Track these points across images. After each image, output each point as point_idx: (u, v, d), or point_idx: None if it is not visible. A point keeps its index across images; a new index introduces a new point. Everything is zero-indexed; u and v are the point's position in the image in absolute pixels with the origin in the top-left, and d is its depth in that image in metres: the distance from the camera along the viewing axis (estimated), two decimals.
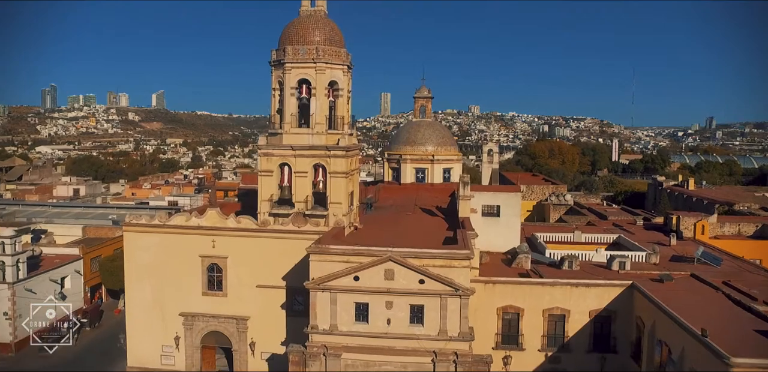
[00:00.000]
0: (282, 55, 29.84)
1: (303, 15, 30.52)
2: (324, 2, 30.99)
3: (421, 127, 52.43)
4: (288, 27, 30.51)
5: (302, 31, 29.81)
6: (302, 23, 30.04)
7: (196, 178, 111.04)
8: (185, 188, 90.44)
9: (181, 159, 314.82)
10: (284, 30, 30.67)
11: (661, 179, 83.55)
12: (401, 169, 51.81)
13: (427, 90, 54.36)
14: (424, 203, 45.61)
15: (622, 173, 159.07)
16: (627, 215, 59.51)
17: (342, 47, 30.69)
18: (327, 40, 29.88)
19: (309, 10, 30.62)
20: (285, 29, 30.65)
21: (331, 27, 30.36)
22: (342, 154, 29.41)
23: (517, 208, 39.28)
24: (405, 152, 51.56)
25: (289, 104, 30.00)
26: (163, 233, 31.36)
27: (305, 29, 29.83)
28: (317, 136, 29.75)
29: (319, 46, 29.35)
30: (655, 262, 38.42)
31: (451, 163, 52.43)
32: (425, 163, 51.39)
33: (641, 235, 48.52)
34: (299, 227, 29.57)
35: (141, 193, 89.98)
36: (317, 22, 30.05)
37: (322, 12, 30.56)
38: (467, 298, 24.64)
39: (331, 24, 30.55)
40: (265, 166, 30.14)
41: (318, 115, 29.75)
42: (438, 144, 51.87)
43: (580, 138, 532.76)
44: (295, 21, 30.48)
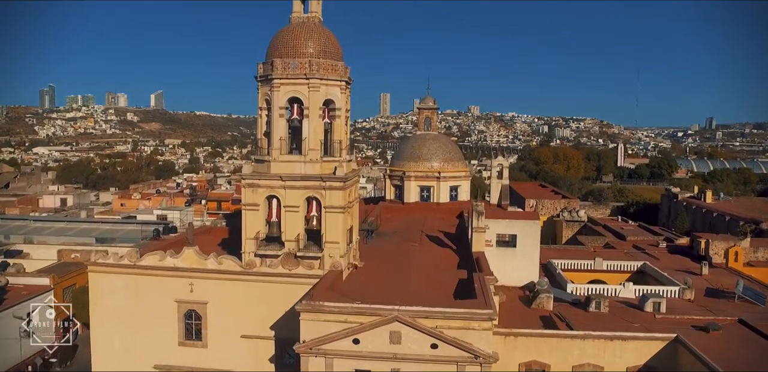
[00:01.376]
0: (269, 70, 25.70)
1: (294, 23, 26.36)
2: (319, 7, 26.84)
3: (426, 141, 48.29)
4: (276, 37, 26.35)
5: (293, 42, 25.65)
6: (293, 32, 25.88)
7: (189, 187, 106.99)
8: (176, 199, 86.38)
9: (178, 160, 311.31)
10: (272, 40, 26.52)
11: (675, 191, 79.59)
12: (405, 187, 47.69)
13: (432, 100, 50.23)
14: (431, 227, 41.49)
15: (628, 179, 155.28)
16: (646, 234, 55.48)
17: (339, 60, 26.55)
18: (322, 52, 25.73)
19: (301, 16, 26.46)
20: (273, 39, 26.50)
21: (326, 37, 26.20)
22: (339, 186, 25.25)
23: (536, 238, 35.20)
24: (409, 169, 47.44)
25: (277, 127, 25.84)
26: (133, 274, 27.24)
27: (296, 39, 25.67)
28: (310, 165, 25.58)
29: (313, 60, 25.21)
30: (690, 298, 34.37)
31: (458, 181, 48.32)
32: (431, 181, 47.27)
33: (666, 260, 44.49)
34: (290, 270, 25.44)
35: (130, 204, 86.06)
36: (311, 31, 25.88)
37: (316, 19, 26.40)
38: (489, 365, 20.54)
39: (327, 33, 26.40)
40: (250, 198, 25.98)
41: (311, 139, 25.58)
42: (444, 160, 47.73)
43: (580, 138, 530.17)
44: (285, 30, 26.31)
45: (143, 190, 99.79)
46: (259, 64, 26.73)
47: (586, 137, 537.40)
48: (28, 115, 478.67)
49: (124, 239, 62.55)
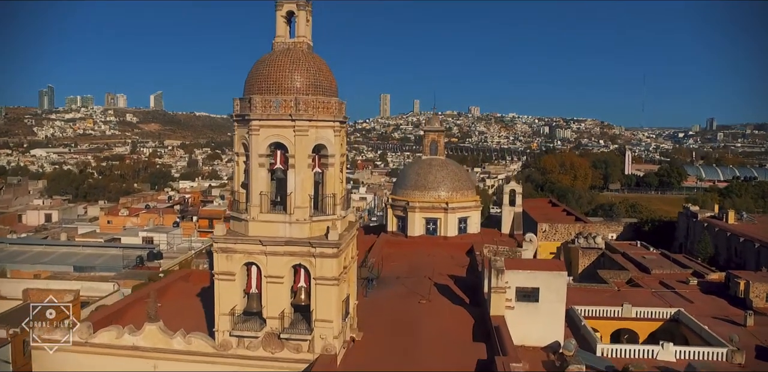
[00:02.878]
0: (247, 108, 21.10)
1: (277, 50, 21.72)
2: (308, 30, 22.24)
3: (432, 168, 43.70)
4: (256, 67, 21.74)
5: (276, 75, 21.03)
6: (276, 63, 21.25)
7: (182, 201, 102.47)
8: (166, 216, 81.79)
9: (176, 163, 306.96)
10: (251, 71, 21.91)
11: (694, 209, 74.79)
12: (408, 219, 43.10)
13: (439, 121, 45.68)
14: (439, 268, 36.98)
15: (636, 187, 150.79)
16: (671, 266, 50.78)
17: (333, 95, 21.93)
18: (311, 87, 21.12)
19: (286, 42, 21.82)
20: (252, 70, 21.90)
21: (317, 67, 21.56)
22: (332, 253, 20.62)
23: (562, 292, 30.53)
24: (413, 199, 42.86)
25: (256, 178, 21.22)
26: (86, 353, 22.67)
27: (280, 72, 21.04)
28: (297, 226, 20.93)
29: (300, 97, 20.59)
30: (741, 362, 29.78)
31: (468, 211, 43.75)
32: (437, 213, 42.71)
33: (701, 304, 39.79)
34: (273, 353, 20.87)
35: (117, 221, 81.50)
36: (298, 61, 21.24)
37: (304, 45, 21.75)
38: None
39: (317, 62, 21.75)
40: (224, 266, 21.36)
41: (298, 195, 20.95)
42: (453, 188, 43.16)
43: (581, 139, 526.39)
44: (266, 59, 21.66)
45: (132, 205, 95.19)
46: (235, 100, 22.13)
47: (587, 138, 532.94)
48: (27, 116, 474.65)
49: (105, 266, 57.97)
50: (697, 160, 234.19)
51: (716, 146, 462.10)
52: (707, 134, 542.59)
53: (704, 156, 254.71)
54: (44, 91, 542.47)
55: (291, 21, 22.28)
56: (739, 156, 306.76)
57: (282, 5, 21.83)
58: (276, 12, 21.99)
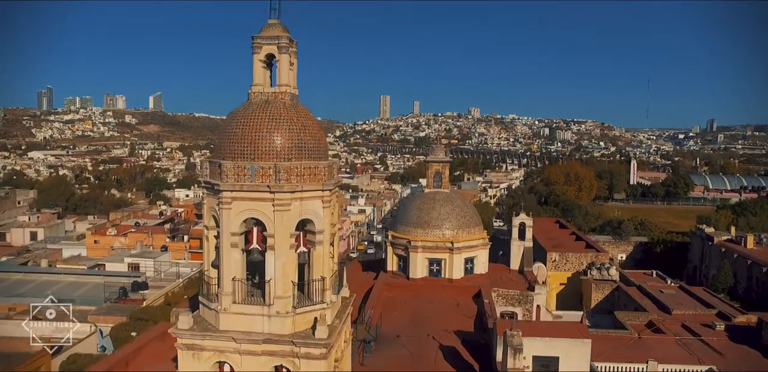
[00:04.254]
0: (217, 176, 17.49)
1: (255, 102, 18.02)
2: (293, 76, 18.62)
3: (435, 203, 40.05)
4: (228, 124, 18.08)
5: (251, 135, 17.35)
6: (252, 119, 17.56)
7: (174, 215, 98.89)
8: (156, 235, 78.21)
9: (174, 167, 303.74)
10: (222, 128, 18.30)
11: (709, 231, 71.20)
12: (410, 259, 39.46)
13: (444, 151, 42.03)
14: (444, 320, 33.43)
15: (642, 198, 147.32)
16: (692, 304, 47.17)
17: (322, 158, 18.25)
18: (295, 150, 17.46)
19: (266, 92, 18.11)
20: (224, 127, 18.27)
21: (302, 125, 17.87)
22: (319, 354, 16.96)
23: (584, 361, 27.02)
24: (415, 237, 39.22)
25: (229, 262, 17.56)
26: None
27: (257, 131, 17.35)
28: (277, 320, 17.25)
29: (281, 164, 16.94)
30: None
31: (474, 251, 40.12)
32: (442, 253, 39.08)
33: (733, 356, 36.13)
34: None
35: (104, 241, 78.06)
36: (279, 118, 17.55)
37: (287, 96, 18.04)
38: None
39: (303, 118, 18.06)
40: (190, 366, 17.76)
41: (279, 282, 17.27)
42: (458, 226, 39.54)
43: (581, 141, 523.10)
44: (241, 114, 17.95)
45: (122, 221, 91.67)
46: (203, 162, 18.54)
47: (587, 140, 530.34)
48: (25, 118, 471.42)
49: (86, 299, 54.35)
50: (701, 167, 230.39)
51: (717, 148, 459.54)
52: (708, 136, 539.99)
53: (708, 162, 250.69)
54: (43, 92, 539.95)
55: (272, 64, 18.69)
56: (742, 161, 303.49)
57: (260, 47, 18.17)
58: (253, 55, 18.34)
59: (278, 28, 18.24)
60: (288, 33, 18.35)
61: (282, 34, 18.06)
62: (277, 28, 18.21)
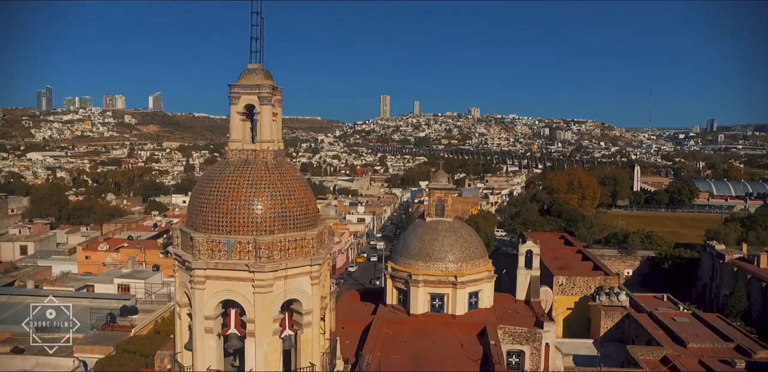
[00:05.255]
0: (188, 248, 15.16)
1: (233, 161, 15.66)
2: (277, 129, 16.28)
3: (438, 233, 37.64)
4: (202, 187, 15.74)
5: (228, 203, 14.99)
6: (229, 184, 15.21)
7: (169, 226, 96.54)
8: (149, 250, 75.92)
9: (173, 168, 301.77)
10: (194, 192, 15.98)
11: (719, 248, 68.81)
12: (411, 294, 37.06)
13: (446, 177, 39.64)
14: (446, 362, 31.16)
15: (646, 205, 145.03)
16: (708, 335, 44.75)
17: (310, 225, 15.86)
18: (279, 220, 15.10)
19: (245, 149, 15.72)
20: (196, 190, 15.97)
21: (287, 189, 15.47)
22: None
23: None
24: (416, 271, 36.80)
25: (203, 349, 15.21)
26: None
27: (234, 199, 14.99)
28: None
29: (261, 239, 14.61)
30: None
31: (479, 284, 37.69)
32: (445, 287, 36.66)
33: None
34: None
35: (96, 257, 75.82)
36: (260, 182, 15.18)
37: (268, 154, 15.70)
38: None
39: (288, 180, 15.65)
40: None
41: None
42: (462, 258, 37.13)
43: (581, 141, 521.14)
44: (216, 176, 15.58)
45: (115, 234, 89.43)
46: (173, 231, 16.23)
47: (588, 140, 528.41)
48: (24, 118, 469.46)
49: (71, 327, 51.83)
50: (704, 170, 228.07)
51: (718, 148, 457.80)
52: (708, 136, 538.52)
53: (711, 165, 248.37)
54: (42, 92, 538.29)
55: (253, 114, 16.32)
56: (744, 162, 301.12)
57: (238, 97, 15.82)
58: (230, 106, 15.99)
59: (259, 74, 15.90)
60: (271, 80, 16.01)
61: (264, 83, 15.72)
62: (258, 75, 15.87)
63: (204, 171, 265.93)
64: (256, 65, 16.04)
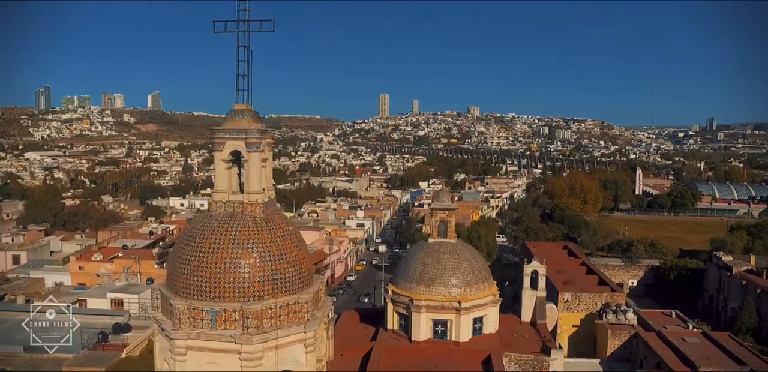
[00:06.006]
0: (168, 314, 13.59)
1: (217, 214, 14.06)
2: (266, 176, 14.70)
3: (441, 256, 36.08)
4: (182, 245, 14.13)
5: (210, 268, 13.41)
6: (211, 244, 13.59)
7: (165, 234, 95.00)
8: (144, 261, 74.26)
9: (171, 168, 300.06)
10: (175, 249, 14.40)
11: (727, 260, 67.24)
12: (413, 320, 35.54)
13: (449, 197, 38.04)
14: None
15: (648, 208, 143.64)
16: (720, 358, 43.14)
17: (305, 286, 14.27)
18: (268, 285, 13.51)
19: (231, 201, 14.15)
20: (176, 248, 14.37)
21: (278, 249, 13.80)
22: None
23: None
24: (418, 296, 35.27)
25: None
26: None
27: (218, 262, 13.36)
28: None
29: (249, 307, 13.03)
30: None
31: (484, 309, 36.17)
32: (448, 313, 35.14)
33: None
34: None
35: (89, 268, 74.14)
36: (246, 242, 13.49)
37: (257, 208, 14.08)
38: None
39: (279, 236, 13.99)
40: None
41: None
42: (466, 283, 35.57)
43: (581, 140, 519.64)
44: (198, 233, 13.94)
45: (110, 242, 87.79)
46: (152, 290, 14.65)
47: (587, 139, 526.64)
48: (23, 117, 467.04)
49: (63, 344, 50.22)
50: (705, 172, 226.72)
51: (717, 147, 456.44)
52: (707, 134, 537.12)
53: (713, 166, 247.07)
54: (41, 90, 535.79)
55: (240, 159, 14.71)
56: (744, 161, 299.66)
57: (223, 143, 14.23)
58: (214, 153, 14.39)
59: (247, 117, 14.32)
60: (259, 122, 14.44)
61: (251, 127, 14.14)
62: (246, 119, 14.29)
63: (203, 170, 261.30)
64: (243, 106, 14.46)
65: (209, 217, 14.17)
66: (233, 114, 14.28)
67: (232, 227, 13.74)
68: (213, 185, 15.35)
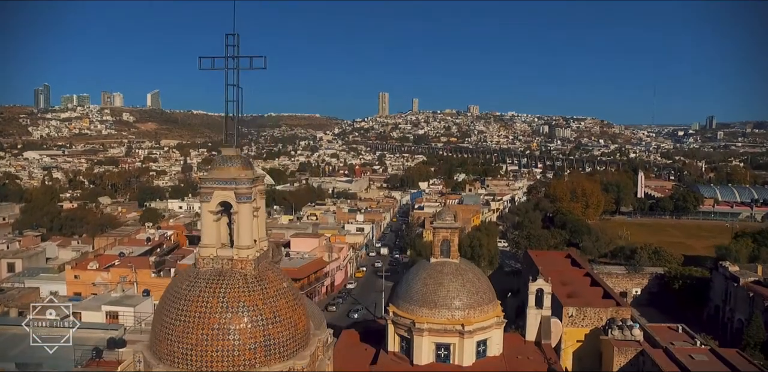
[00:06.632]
0: None
1: (203, 274, 12.79)
2: (260, 227, 13.51)
3: (444, 276, 34.90)
4: (165, 306, 12.95)
5: (195, 334, 12.15)
6: (197, 306, 12.35)
7: (163, 240, 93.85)
8: (141, 270, 73.08)
9: (171, 168, 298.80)
10: (158, 309, 13.21)
11: (733, 270, 66.07)
12: (414, 343, 34.41)
13: (452, 215, 36.83)
14: None
15: (650, 212, 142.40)
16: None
17: (301, 348, 13.03)
18: (260, 351, 12.21)
19: (220, 257, 12.90)
20: (159, 308, 13.18)
21: (271, 311, 12.38)
22: None
23: None
24: (420, 318, 34.14)
25: None
26: None
27: (204, 328, 12.07)
28: None
29: None
30: None
31: (488, 332, 35.03)
32: (451, 337, 34.00)
33: None
34: None
35: (85, 276, 72.91)
36: (236, 304, 12.04)
37: (248, 264, 12.93)
38: None
39: (272, 297, 12.75)
40: None
41: None
42: (470, 305, 34.42)
43: (580, 139, 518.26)
44: (183, 293, 12.71)
45: (107, 249, 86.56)
46: (136, 354, 13.46)
47: (587, 137, 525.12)
48: (22, 116, 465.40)
49: (55, 361, 49.06)
50: (707, 173, 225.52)
51: (717, 146, 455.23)
52: (707, 133, 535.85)
53: (714, 167, 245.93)
54: (40, 89, 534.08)
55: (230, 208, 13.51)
56: (744, 160, 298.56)
57: (210, 193, 13.04)
58: (201, 204, 13.21)
59: (236, 164, 13.13)
60: (250, 169, 13.26)
61: (241, 176, 12.94)
62: (235, 166, 13.11)
63: (202, 169, 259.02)
64: (232, 151, 13.28)
65: (195, 275, 13.00)
66: (221, 160, 13.09)
67: (221, 288, 12.57)
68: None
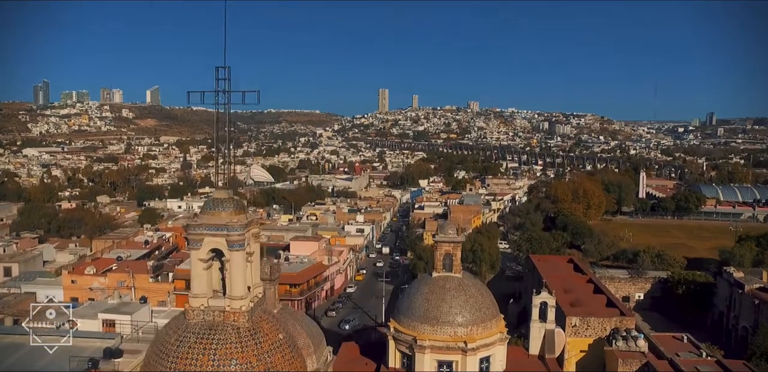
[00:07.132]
0: None
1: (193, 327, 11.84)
2: (254, 273, 12.64)
3: (446, 292, 34.01)
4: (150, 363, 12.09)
5: None
6: (183, 364, 11.56)
7: (161, 242, 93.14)
8: (138, 275, 72.40)
9: (170, 165, 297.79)
10: (143, 365, 12.37)
11: (738, 276, 65.22)
12: (416, 360, 33.57)
13: (454, 228, 35.98)
14: None
15: (651, 212, 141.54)
16: None
17: None
18: None
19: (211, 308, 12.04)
20: (144, 366, 12.34)
21: (265, 367, 11.86)
22: None
23: None
24: (422, 335, 33.29)
25: None
26: None
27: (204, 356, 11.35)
28: None
29: None
30: None
31: (491, 349, 34.18)
32: (453, 354, 33.15)
33: None
34: None
35: (82, 281, 72.28)
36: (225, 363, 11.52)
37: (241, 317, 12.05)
38: None
39: (267, 351, 11.81)
40: None
41: None
42: (473, 321, 33.55)
43: (580, 135, 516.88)
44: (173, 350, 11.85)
45: (104, 253, 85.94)
46: None
47: (587, 134, 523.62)
48: (21, 112, 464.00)
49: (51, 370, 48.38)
50: (708, 172, 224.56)
51: (717, 142, 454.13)
52: (707, 129, 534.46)
53: (715, 165, 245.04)
54: (39, 86, 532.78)
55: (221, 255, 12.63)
56: (745, 157, 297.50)
57: (200, 240, 12.15)
58: (190, 251, 12.33)
59: (228, 209, 12.22)
60: (243, 213, 12.32)
61: (233, 222, 12.05)
62: (227, 211, 12.20)
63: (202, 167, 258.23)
64: (224, 194, 12.38)
65: (185, 328, 12.14)
66: (212, 204, 12.21)
67: (212, 343, 11.73)
68: (212, 183, 13.24)
